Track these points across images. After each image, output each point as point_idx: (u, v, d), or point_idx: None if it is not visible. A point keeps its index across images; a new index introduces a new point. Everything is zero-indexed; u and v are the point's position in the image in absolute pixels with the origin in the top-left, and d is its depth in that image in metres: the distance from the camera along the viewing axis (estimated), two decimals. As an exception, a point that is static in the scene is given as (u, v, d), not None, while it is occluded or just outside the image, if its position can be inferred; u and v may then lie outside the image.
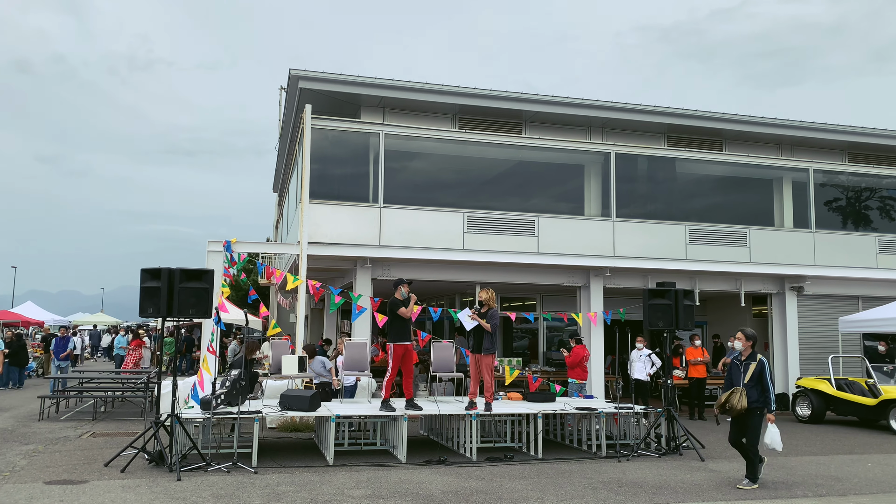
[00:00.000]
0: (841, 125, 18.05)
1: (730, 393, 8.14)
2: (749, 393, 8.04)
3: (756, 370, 8.09)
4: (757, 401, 8.02)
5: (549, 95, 16.32)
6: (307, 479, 8.21)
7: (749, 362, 8.21)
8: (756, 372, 8.08)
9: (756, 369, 8.09)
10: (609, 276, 15.67)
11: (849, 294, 17.41)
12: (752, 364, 8.16)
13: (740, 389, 8.08)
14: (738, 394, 8.05)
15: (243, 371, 10.07)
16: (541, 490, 7.91)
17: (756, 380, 8.06)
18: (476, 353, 10.13)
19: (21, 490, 7.48)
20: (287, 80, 15.46)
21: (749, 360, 8.24)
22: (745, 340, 8.33)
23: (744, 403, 7.98)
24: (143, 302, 8.91)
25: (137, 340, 19.84)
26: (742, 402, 7.99)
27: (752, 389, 8.05)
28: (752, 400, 8.01)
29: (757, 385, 8.06)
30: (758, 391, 8.05)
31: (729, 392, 8.16)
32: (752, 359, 8.23)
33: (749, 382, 8.08)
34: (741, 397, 8.02)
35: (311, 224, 13.74)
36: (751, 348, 8.32)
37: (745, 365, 8.25)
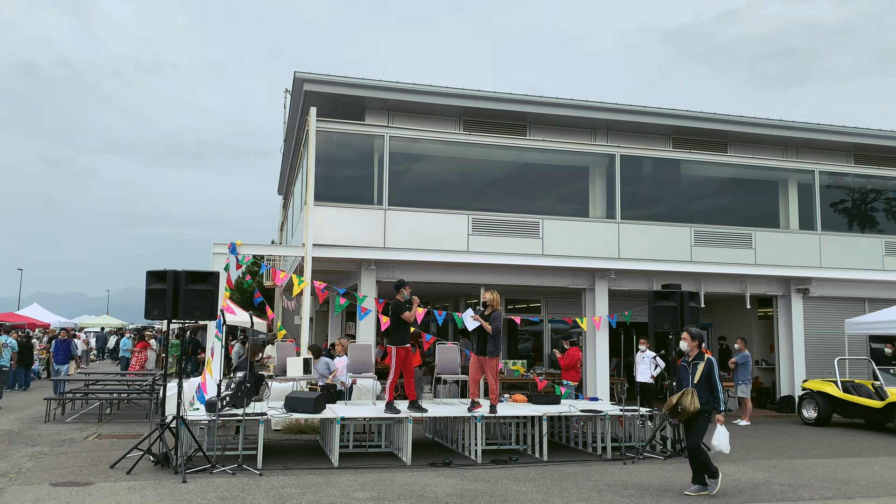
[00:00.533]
0: (846, 127, 18.00)
1: (680, 395, 7.85)
2: (699, 394, 7.80)
3: (704, 370, 7.83)
4: (706, 402, 7.78)
5: (554, 97, 16.32)
6: (312, 482, 8.21)
7: (697, 362, 7.94)
8: (704, 372, 7.83)
9: (704, 370, 7.84)
10: (614, 278, 15.65)
11: (855, 296, 17.35)
12: (700, 364, 7.90)
13: (691, 391, 7.80)
14: (690, 395, 7.77)
15: (248, 373, 10.08)
16: (546, 493, 7.89)
17: (705, 380, 7.82)
18: (480, 356, 10.12)
19: (27, 492, 7.50)
20: (292, 83, 15.50)
21: (697, 360, 7.97)
22: (691, 340, 8.04)
23: (696, 405, 7.72)
24: (149, 304, 8.93)
25: (143, 342, 19.91)
26: (694, 404, 7.72)
27: (702, 390, 7.82)
28: (701, 401, 7.77)
29: (706, 385, 7.82)
30: (707, 392, 7.81)
31: (679, 394, 7.87)
32: (699, 359, 7.97)
33: (698, 384, 7.82)
34: (693, 398, 7.74)
35: (316, 226, 13.76)
36: (697, 348, 8.05)
37: (693, 366, 7.97)
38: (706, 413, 7.78)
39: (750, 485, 8.50)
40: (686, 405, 7.73)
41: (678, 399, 7.82)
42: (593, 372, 15.46)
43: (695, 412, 7.72)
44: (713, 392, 7.78)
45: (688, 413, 7.74)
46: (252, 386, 9.72)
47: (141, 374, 17.23)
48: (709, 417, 7.84)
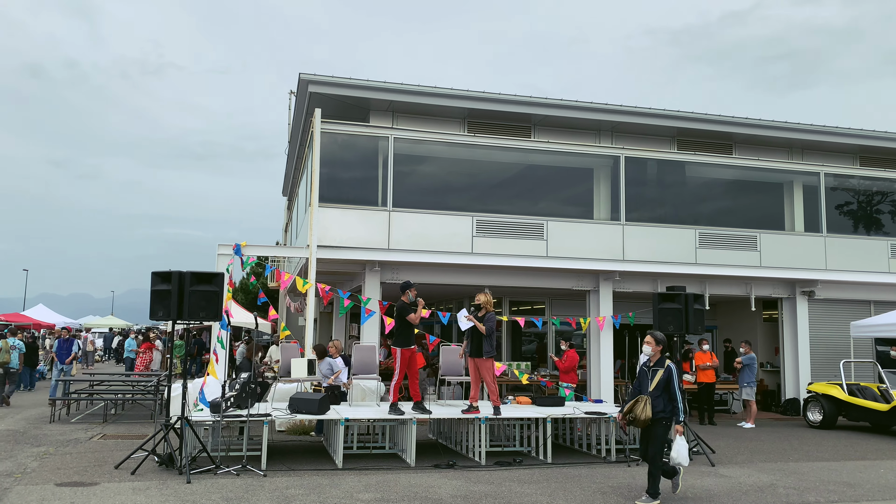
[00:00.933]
0: (852, 128, 17.94)
1: (633, 402, 7.42)
2: (655, 402, 7.34)
3: (663, 378, 7.39)
4: (663, 410, 7.34)
5: (558, 99, 16.31)
6: (316, 483, 8.22)
7: (657, 369, 7.52)
8: (663, 379, 7.39)
9: (663, 377, 7.40)
10: (618, 280, 15.62)
11: (860, 298, 17.29)
12: (659, 371, 7.47)
13: (645, 398, 7.35)
14: (643, 403, 7.34)
15: (252, 374, 10.09)
16: (550, 495, 7.88)
17: (663, 388, 7.38)
18: (476, 357, 10.09)
19: (32, 492, 7.52)
20: (297, 85, 15.52)
21: (657, 366, 7.55)
22: (655, 345, 7.62)
23: (647, 413, 7.27)
24: (154, 305, 8.95)
25: (147, 343, 19.95)
26: (646, 413, 7.28)
27: (659, 398, 7.36)
28: (657, 410, 7.33)
29: (664, 394, 7.38)
30: (664, 400, 7.37)
31: (633, 401, 7.44)
32: (660, 365, 7.54)
33: (655, 391, 7.37)
34: (645, 407, 7.31)
35: (321, 227, 13.77)
36: (660, 353, 7.62)
37: (652, 371, 7.56)
38: (664, 421, 7.37)
39: (755, 488, 8.48)
40: (637, 414, 7.33)
41: (630, 407, 7.43)
42: (597, 374, 15.44)
43: (646, 421, 7.31)
44: (672, 400, 7.39)
45: (640, 422, 7.32)
46: (255, 386, 9.73)
47: (145, 375, 17.27)
48: (668, 426, 7.44)
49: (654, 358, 7.61)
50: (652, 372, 7.54)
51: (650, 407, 7.29)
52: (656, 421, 7.33)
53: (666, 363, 7.48)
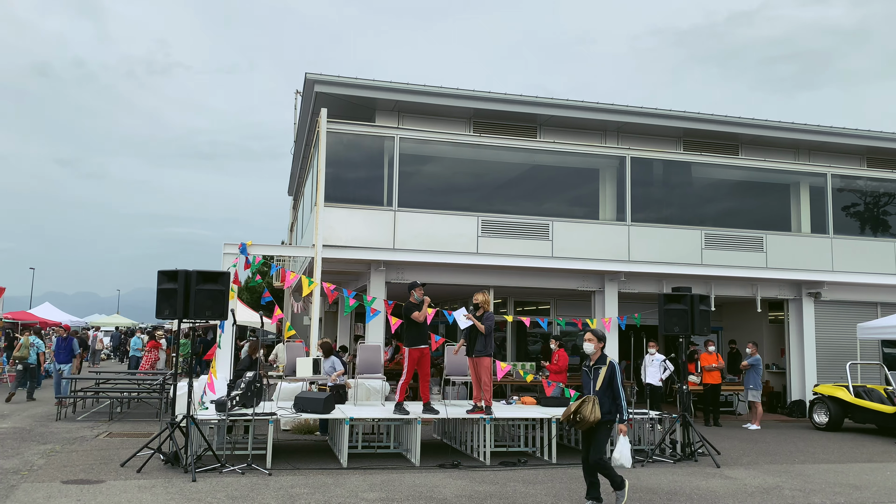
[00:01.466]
0: (859, 129, 17.87)
1: (580, 402, 7.00)
2: (601, 401, 6.99)
3: (606, 375, 7.05)
4: (609, 411, 7.02)
5: (564, 99, 16.29)
6: (321, 482, 8.23)
7: (599, 367, 7.15)
8: (606, 377, 7.05)
9: (606, 374, 7.06)
10: (624, 281, 15.60)
11: (867, 300, 17.22)
12: (602, 369, 7.10)
13: (592, 398, 6.99)
14: (591, 403, 6.94)
15: (256, 372, 10.11)
16: (555, 495, 7.87)
17: (607, 386, 7.05)
18: (473, 356, 10.12)
19: (39, 489, 7.55)
20: (303, 85, 15.55)
21: (599, 364, 7.18)
22: (597, 342, 7.26)
23: (597, 415, 6.89)
24: (160, 303, 8.98)
25: (153, 342, 19.99)
26: (595, 413, 6.89)
27: (604, 398, 7.03)
28: (603, 410, 6.96)
29: (608, 392, 7.06)
30: (609, 399, 7.04)
31: (579, 401, 7.03)
32: (602, 363, 7.17)
33: (600, 391, 7.04)
34: (594, 408, 6.91)
35: (326, 227, 13.79)
36: (600, 351, 7.28)
37: (594, 371, 7.19)
38: (608, 424, 7.04)
39: (760, 489, 8.46)
40: (586, 415, 6.92)
41: (577, 407, 7.00)
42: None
43: (594, 422, 6.94)
44: (615, 399, 7.07)
45: (587, 423, 6.94)
46: (259, 385, 9.75)
47: (151, 374, 17.31)
48: (611, 427, 7.13)
49: (596, 356, 7.26)
50: (594, 371, 7.19)
51: (598, 407, 6.94)
52: (602, 423, 7.00)
53: (608, 360, 7.17)
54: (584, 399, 7.01)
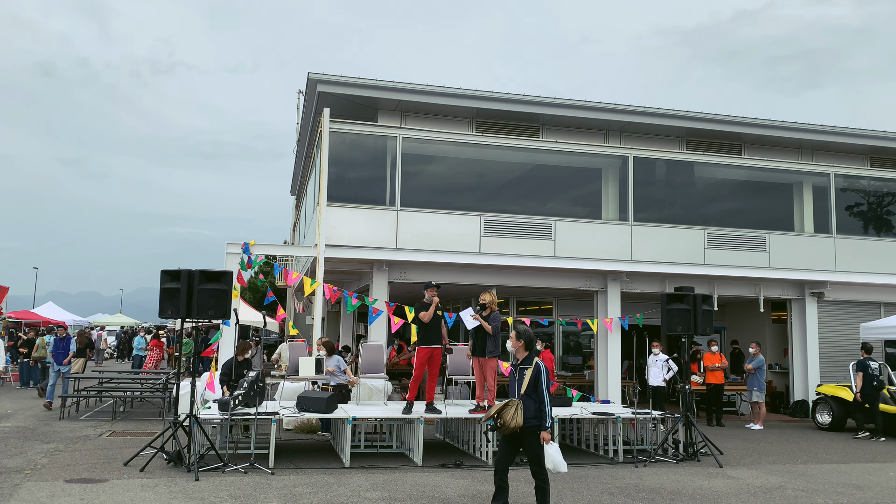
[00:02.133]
0: (862, 129, 17.84)
1: (503, 406, 6.45)
2: (526, 405, 6.40)
3: (532, 377, 6.44)
4: (535, 416, 6.41)
5: (567, 99, 16.28)
6: (324, 481, 8.24)
7: (525, 367, 6.54)
8: (532, 379, 6.44)
9: (532, 376, 6.44)
10: (626, 281, 15.58)
11: (870, 300, 17.19)
12: (528, 370, 6.49)
13: (516, 402, 6.40)
14: (514, 408, 6.37)
15: (259, 372, 10.12)
16: (557, 495, 7.87)
17: (532, 389, 6.43)
18: (479, 357, 10.11)
19: (42, 488, 7.57)
20: (305, 84, 15.56)
21: (525, 364, 6.56)
22: (516, 340, 6.65)
23: (519, 420, 6.32)
24: (163, 303, 8.99)
25: (155, 341, 20.03)
26: (517, 419, 6.33)
27: (530, 401, 6.41)
28: (529, 415, 6.40)
29: (534, 395, 6.43)
30: (535, 403, 6.42)
31: (502, 405, 6.48)
32: (528, 363, 6.55)
33: (525, 393, 6.43)
34: (516, 412, 6.35)
35: (329, 227, 13.80)
36: (524, 350, 6.65)
37: (520, 371, 6.57)
38: (535, 430, 6.41)
39: (763, 489, 8.45)
40: (507, 419, 6.37)
41: (499, 411, 6.46)
42: (605, 375, 15.40)
43: (516, 428, 6.37)
44: (540, 404, 6.42)
45: (508, 429, 6.38)
46: (261, 385, 9.76)
47: (154, 373, 17.34)
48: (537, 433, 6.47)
49: (521, 355, 6.64)
50: (520, 371, 6.56)
51: (521, 412, 6.37)
52: (527, 430, 6.40)
53: (534, 361, 6.53)
54: (507, 403, 6.47)
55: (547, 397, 6.39)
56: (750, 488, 8.48)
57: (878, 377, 13.55)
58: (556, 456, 6.40)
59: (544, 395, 6.39)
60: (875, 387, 13.39)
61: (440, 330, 10.16)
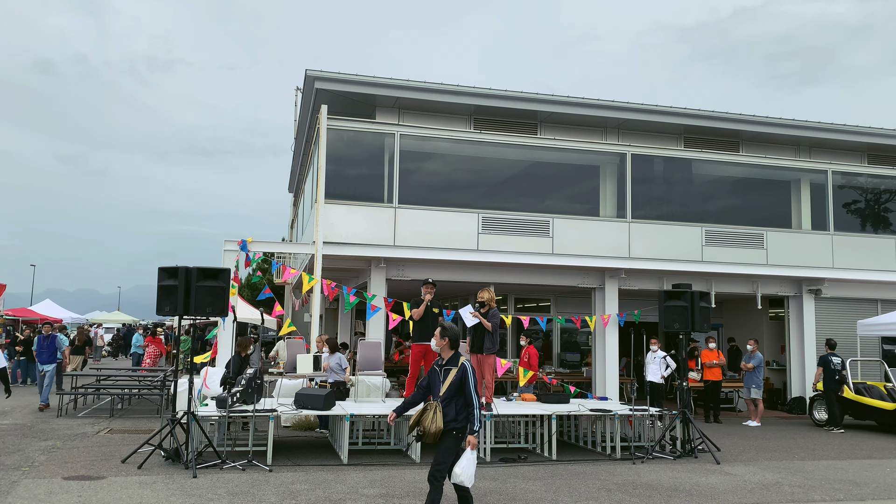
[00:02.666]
0: (860, 126, 17.84)
1: (421, 412, 5.92)
2: (446, 409, 5.88)
3: (456, 378, 5.90)
4: (455, 419, 5.83)
5: (565, 96, 16.28)
6: (322, 478, 8.24)
7: (450, 367, 5.99)
8: (456, 380, 5.89)
9: (456, 377, 5.90)
10: (624, 278, 15.60)
11: (867, 297, 17.23)
12: (452, 370, 5.96)
13: (435, 405, 5.88)
14: (432, 412, 5.84)
15: (257, 369, 10.12)
16: (555, 491, 7.89)
17: (455, 390, 5.88)
18: (477, 354, 10.13)
19: (40, 485, 7.57)
20: (303, 81, 15.54)
21: (450, 364, 6.01)
22: (440, 338, 6.06)
23: (438, 424, 5.79)
24: (161, 300, 8.98)
25: (150, 338, 20.00)
26: (436, 423, 5.79)
27: (451, 404, 5.88)
28: (448, 418, 5.85)
29: (457, 398, 5.88)
30: (457, 406, 5.87)
31: (420, 411, 5.95)
32: (453, 363, 6.00)
33: (446, 394, 5.88)
34: (435, 416, 5.82)
35: (326, 224, 13.80)
36: (449, 348, 6.06)
37: (444, 371, 6.02)
38: (455, 431, 5.86)
39: (760, 486, 8.47)
40: (426, 425, 5.81)
41: (417, 417, 5.93)
42: (602, 372, 15.43)
43: (437, 434, 5.81)
44: (467, 406, 5.88)
45: (429, 436, 5.81)
46: (260, 382, 9.76)
47: (152, 370, 17.33)
48: (460, 437, 5.89)
49: (446, 355, 6.09)
50: (444, 372, 6.02)
51: (441, 416, 5.85)
52: (447, 432, 5.87)
53: (460, 361, 6.01)
54: (426, 406, 5.93)
55: (476, 400, 5.85)
56: (747, 485, 8.50)
57: (841, 372, 14.24)
58: (469, 467, 5.77)
59: (472, 398, 5.86)
60: (836, 381, 14.11)
61: (435, 327, 10.15)
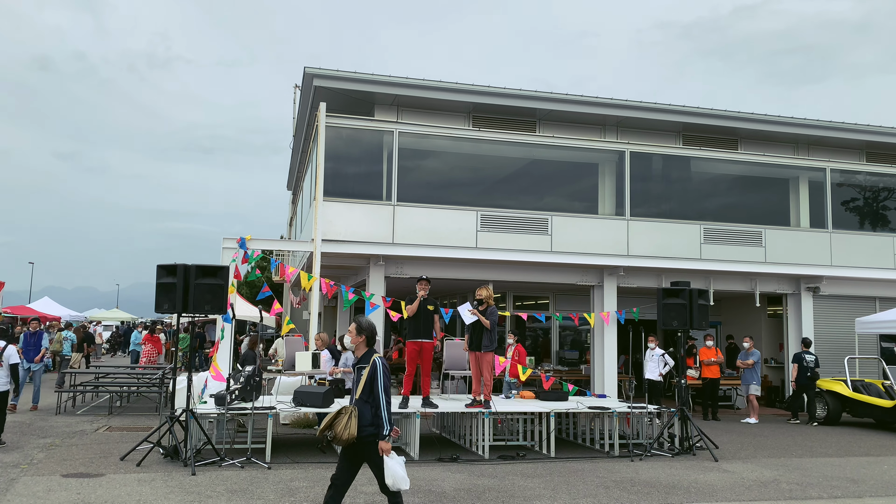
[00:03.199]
0: (859, 124, 17.86)
1: (335, 415, 5.33)
2: (362, 412, 5.30)
3: (368, 378, 5.33)
4: (372, 423, 5.29)
5: (564, 94, 16.27)
6: (320, 475, 8.25)
7: (363, 366, 5.40)
8: (368, 380, 5.32)
9: (368, 376, 5.33)
10: (623, 276, 15.61)
11: (865, 295, 17.25)
12: (365, 369, 5.37)
13: (350, 409, 5.30)
14: (346, 416, 5.26)
15: (256, 366, 10.13)
16: (553, 489, 7.90)
17: (369, 391, 5.33)
18: (476, 351, 10.14)
19: (39, 483, 7.57)
20: (302, 79, 15.52)
21: (362, 363, 5.43)
22: (356, 335, 5.48)
23: (352, 431, 5.20)
24: (159, 298, 8.99)
25: (147, 335, 19.98)
26: (350, 430, 5.20)
27: (366, 406, 5.32)
28: (365, 423, 5.28)
29: (371, 399, 5.33)
30: (372, 409, 5.30)
31: (334, 414, 5.35)
32: (365, 361, 5.41)
33: (362, 397, 5.33)
34: (349, 422, 5.23)
35: (325, 221, 13.79)
36: (364, 345, 5.49)
37: (358, 371, 5.45)
38: (371, 438, 5.29)
39: (758, 483, 8.49)
40: (338, 431, 5.22)
41: (329, 421, 5.32)
42: (601, 369, 15.45)
43: (350, 439, 5.21)
44: (376, 409, 5.29)
45: (341, 441, 5.21)
46: (259, 379, 9.76)
47: (151, 368, 17.32)
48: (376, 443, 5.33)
49: (359, 351, 5.50)
50: (358, 371, 5.45)
51: (356, 420, 5.26)
52: (364, 439, 5.27)
53: (372, 359, 5.38)
54: (339, 411, 5.34)
55: (384, 400, 5.26)
56: (745, 482, 8.52)
57: (814, 369, 14.84)
58: (396, 470, 5.27)
59: (380, 399, 5.26)
60: (809, 377, 14.75)
61: (430, 324, 10.13)
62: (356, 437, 5.24)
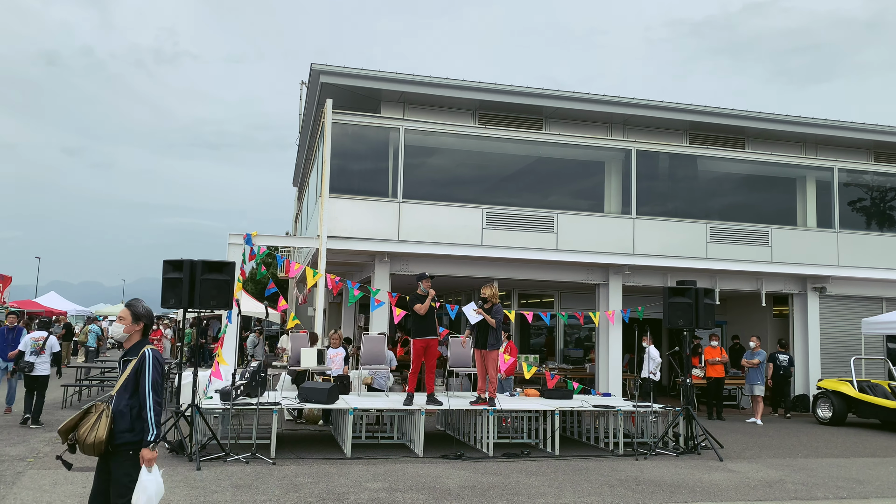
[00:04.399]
0: (866, 124, 17.78)
1: (83, 413, 4.27)
2: (119, 415, 4.26)
3: (133, 371, 4.30)
4: (131, 429, 4.25)
5: (570, 91, 16.23)
6: (325, 471, 8.26)
7: (129, 359, 4.36)
8: (132, 374, 4.29)
9: (133, 369, 4.30)
10: (628, 274, 15.58)
11: (872, 295, 17.17)
12: (131, 362, 4.32)
13: (101, 408, 4.24)
14: (95, 416, 4.21)
15: (262, 362, 10.15)
16: (557, 486, 7.90)
17: (132, 389, 4.29)
18: (481, 349, 10.15)
19: (45, 476, 7.61)
20: (308, 75, 15.53)
21: (130, 354, 4.39)
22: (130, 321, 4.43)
23: (100, 434, 4.15)
24: (165, 293, 9.01)
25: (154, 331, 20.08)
26: (98, 431, 4.15)
27: (126, 409, 4.28)
28: (121, 429, 4.24)
29: (134, 399, 4.28)
30: (135, 412, 4.27)
31: (81, 413, 4.28)
32: (133, 353, 4.38)
33: (122, 394, 4.31)
34: (98, 422, 4.18)
35: (331, 218, 13.80)
36: (139, 335, 4.47)
37: (123, 364, 4.39)
38: (129, 450, 4.24)
39: (763, 483, 8.46)
40: (81, 434, 4.18)
41: (74, 421, 4.25)
42: (606, 368, 15.43)
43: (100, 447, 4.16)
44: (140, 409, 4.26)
45: (88, 448, 4.16)
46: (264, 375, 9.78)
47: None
48: (134, 455, 4.24)
49: (131, 341, 4.45)
50: (123, 364, 4.40)
51: (108, 422, 4.20)
52: (118, 448, 4.23)
53: (143, 350, 4.36)
54: (89, 408, 4.28)
55: (150, 400, 4.23)
56: (750, 482, 8.49)
57: (787, 367, 15.57)
58: (150, 488, 4.11)
59: (147, 397, 4.23)
60: (782, 375, 15.56)
61: (435, 322, 10.18)
62: (106, 444, 4.17)
